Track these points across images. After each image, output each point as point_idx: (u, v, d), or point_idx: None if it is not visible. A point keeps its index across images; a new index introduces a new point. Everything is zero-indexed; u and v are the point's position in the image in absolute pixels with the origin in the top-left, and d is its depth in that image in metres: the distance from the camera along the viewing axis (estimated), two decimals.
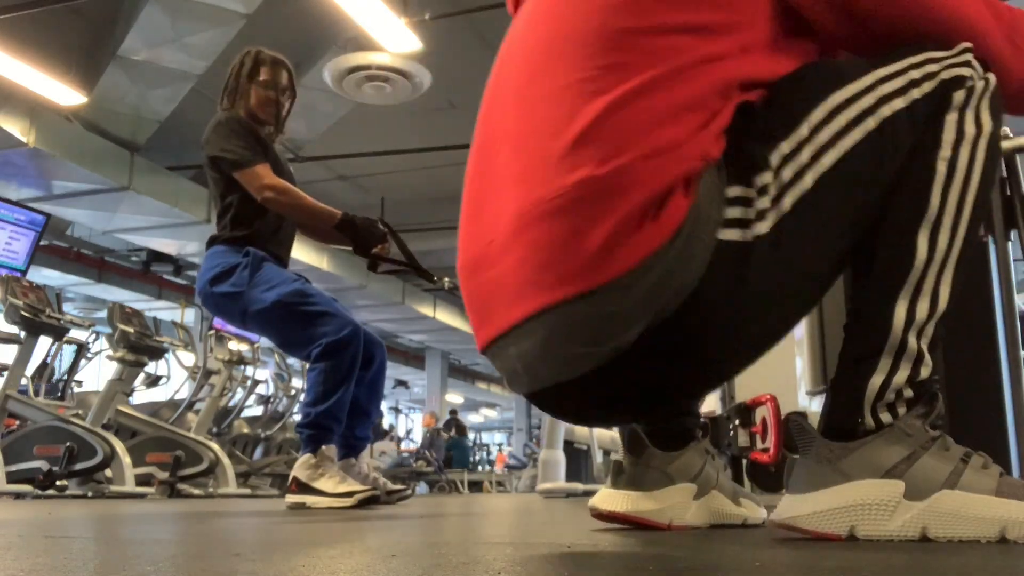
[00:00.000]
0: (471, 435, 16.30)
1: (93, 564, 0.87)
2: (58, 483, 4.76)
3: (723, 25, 1.08)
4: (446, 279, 2.97)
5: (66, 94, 7.74)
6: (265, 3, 7.15)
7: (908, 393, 1.06)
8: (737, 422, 2.64)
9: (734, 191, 1.03)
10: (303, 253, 11.64)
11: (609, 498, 1.39)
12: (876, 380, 1.06)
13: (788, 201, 1.03)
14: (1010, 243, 1.84)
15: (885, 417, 1.06)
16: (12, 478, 4.69)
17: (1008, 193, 1.81)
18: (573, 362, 1.06)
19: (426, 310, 16.01)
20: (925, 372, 1.07)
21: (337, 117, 9.29)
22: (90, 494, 5.06)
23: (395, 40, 6.99)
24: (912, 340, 1.06)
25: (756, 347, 1.14)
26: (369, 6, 6.38)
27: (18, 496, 4.59)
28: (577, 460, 6.29)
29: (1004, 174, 1.83)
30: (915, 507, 1.01)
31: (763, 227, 1.02)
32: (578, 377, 1.07)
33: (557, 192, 1.02)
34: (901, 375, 1.06)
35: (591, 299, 1.01)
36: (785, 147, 1.04)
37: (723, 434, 2.82)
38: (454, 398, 20.81)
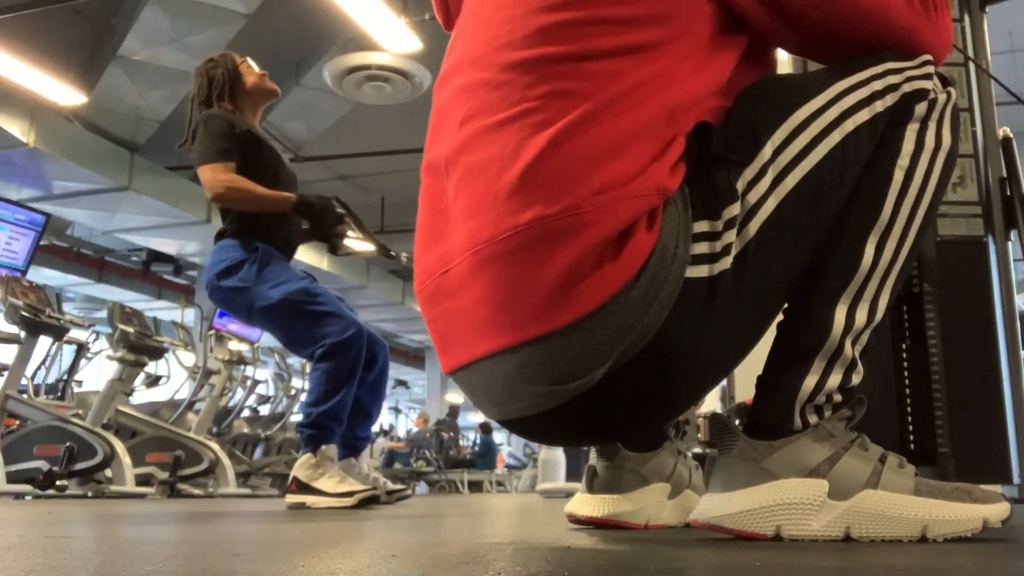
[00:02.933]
0: (470, 435, 16.28)
1: (93, 564, 0.87)
2: (58, 483, 4.76)
3: (662, 40, 1.05)
4: (404, 254, 2.98)
5: (66, 94, 7.74)
6: (265, 3, 7.15)
7: (837, 398, 1.07)
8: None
9: (701, 226, 1.01)
10: (304, 255, 11.64)
11: (586, 503, 1.41)
12: (809, 382, 1.06)
13: (752, 227, 1.01)
14: (1010, 243, 1.85)
15: (812, 418, 1.07)
16: (12, 478, 4.69)
17: (1008, 193, 1.81)
18: (538, 399, 1.05)
19: None
20: (856, 379, 1.08)
21: (337, 117, 9.30)
22: (90, 494, 5.06)
23: (395, 40, 6.99)
24: (848, 346, 1.06)
25: (723, 370, 1.14)
26: (369, 6, 6.38)
27: (18, 496, 4.59)
28: (577, 460, 6.29)
29: (1004, 174, 1.84)
30: (840, 507, 1.02)
31: (729, 259, 1.00)
32: (545, 411, 1.06)
33: (510, 231, 1.00)
34: (834, 379, 1.06)
35: (551, 341, 1.00)
36: (749, 173, 1.02)
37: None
38: (454, 398, 20.80)
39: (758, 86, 1.10)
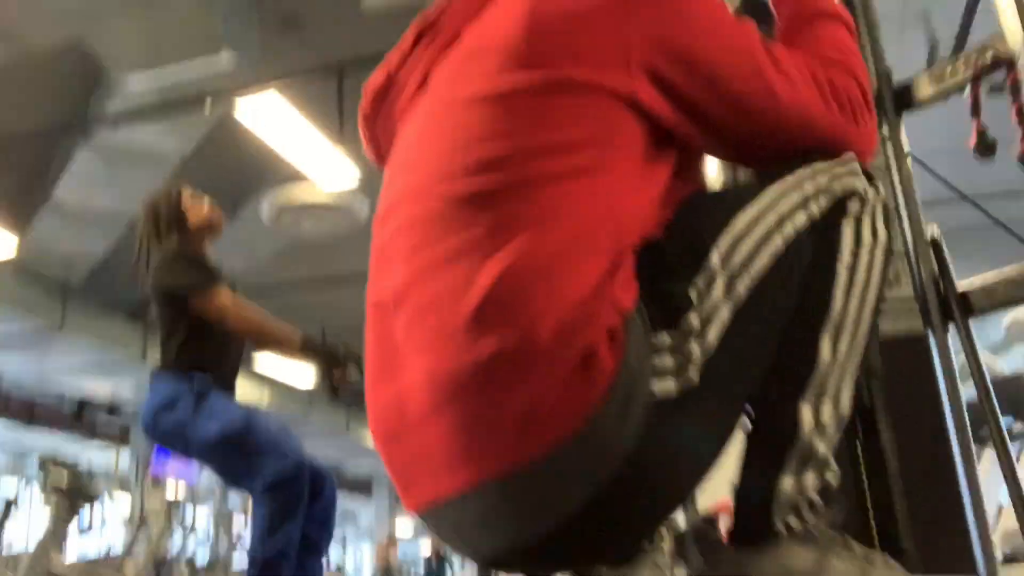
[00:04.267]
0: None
1: None
2: None
3: (603, 161, 1.04)
4: None
5: None
6: (199, 146, 7.22)
7: (816, 498, 1.06)
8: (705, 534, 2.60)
9: (663, 340, 0.99)
10: (245, 389, 11.41)
11: None
12: (785, 485, 1.05)
13: (713, 337, 0.99)
14: (949, 336, 1.89)
15: (793, 522, 1.05)
16: None
17: (943, 291, 1.87)
18: (511, 535, 1.01)
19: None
20: (832, 478, 1.07)
21: (275, 251, 9.29)
22: None
23: (331, 178, 6.91)
24: (819, 445, 1.06)
25: (696, 480, 1.11)
26: (304, 145, 6.39)
27: None
28: None
29: (936, 271, 1.90)
30: None
31: (694, 370, 0.98)
32: (520, 547, 1.02)
33: (470, 368, 0.97)
34: (809, 480, 1.06)
35: (521, 478, 0.96)
36: (701, 282, 1.01)
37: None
38: (405, 526, 20.18)
39: (695, 198, 1.10)
